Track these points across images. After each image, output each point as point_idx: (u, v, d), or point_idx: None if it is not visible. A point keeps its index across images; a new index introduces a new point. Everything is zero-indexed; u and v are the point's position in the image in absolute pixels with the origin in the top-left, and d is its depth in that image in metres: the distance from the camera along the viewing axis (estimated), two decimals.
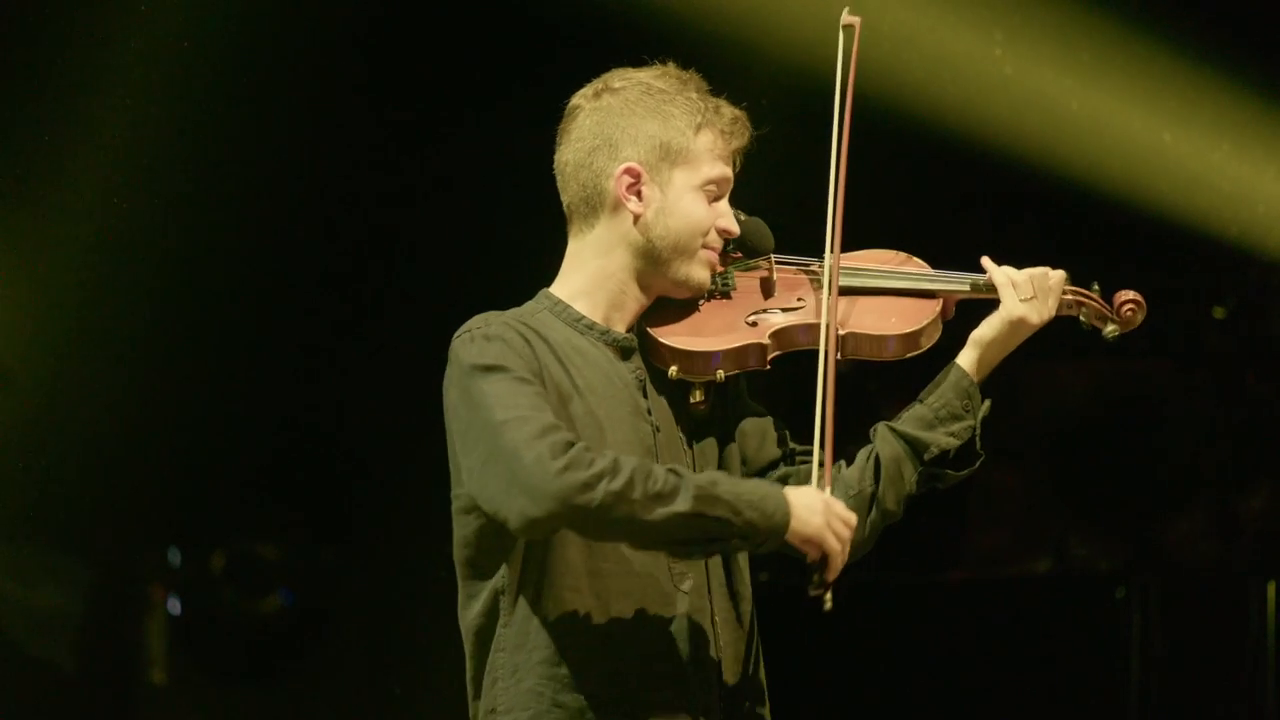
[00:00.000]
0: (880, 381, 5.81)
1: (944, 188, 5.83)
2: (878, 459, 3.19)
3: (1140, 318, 3.31)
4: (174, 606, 5.60)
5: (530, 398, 2.94)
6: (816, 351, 3.12)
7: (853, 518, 2.98)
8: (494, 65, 5.40)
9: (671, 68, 3.15)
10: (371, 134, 5.37)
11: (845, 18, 3.19)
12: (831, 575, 2.96)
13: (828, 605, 2.98)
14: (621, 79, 3.13)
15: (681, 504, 2.87)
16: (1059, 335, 3.35)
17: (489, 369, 2.96)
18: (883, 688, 6.30)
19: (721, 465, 3.17)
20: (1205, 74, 5.69)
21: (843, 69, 3.17)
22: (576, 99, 3.15)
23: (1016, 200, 5.90)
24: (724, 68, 3.26)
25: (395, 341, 5.42)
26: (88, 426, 5.10)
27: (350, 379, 5.49)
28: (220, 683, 5.71)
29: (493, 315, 3.08)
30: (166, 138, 5.03)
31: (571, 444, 2.87)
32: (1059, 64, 5.68)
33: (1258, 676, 6.19)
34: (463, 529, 3.05)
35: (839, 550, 2.95)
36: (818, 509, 2.94)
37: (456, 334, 3.05)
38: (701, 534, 2.90)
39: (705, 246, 3.13)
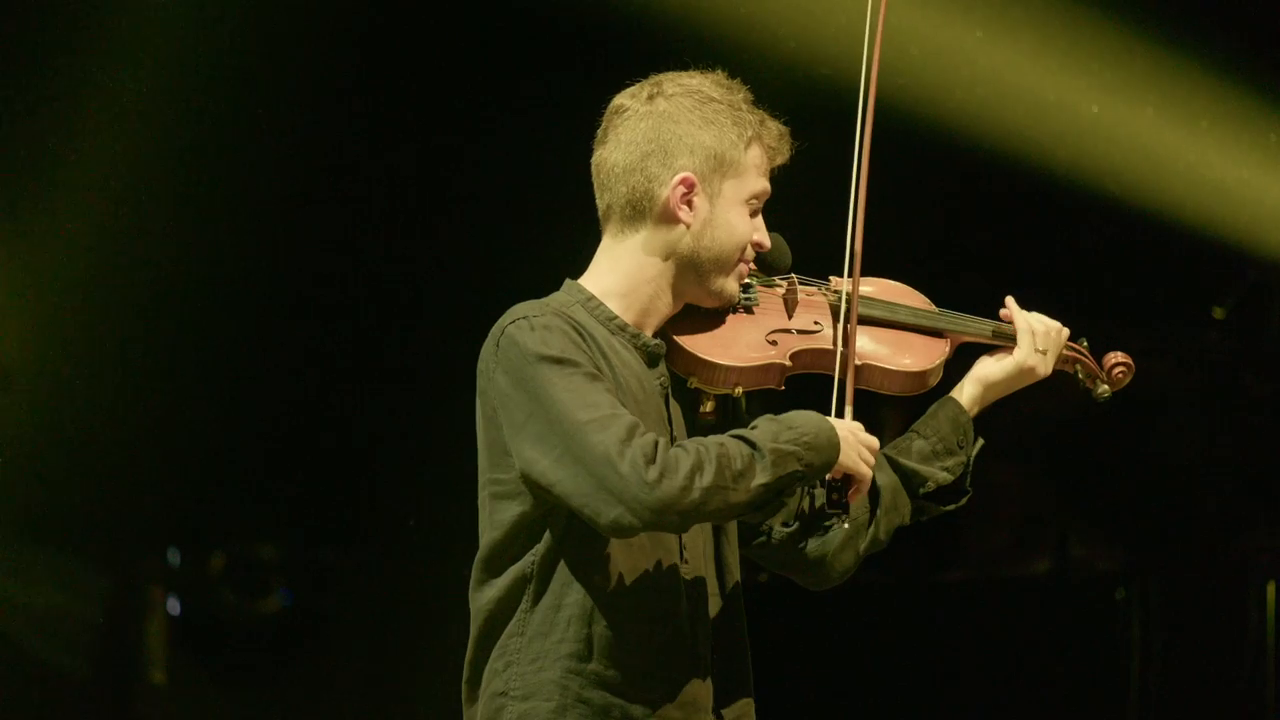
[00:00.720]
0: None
1: (946, 189, 5.83)
2: (876, 488, 3.20)
3: (1129, 380, 3.39)
4: (174, 607, 5.60)
5: (606, 395, 2.94)
6: (822, 375, 3.13)
7: (874, 441, 3.04)
8: (493, 65, 5.40)
9: (721, 75, 3.14)
10: (370, 134, 5.37)
11: None
12: (853, 497, 3.03)
13: (844, 525, 3.07)
14: (674, 84, 3.11)
15: (762, 474, 2.91)
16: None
17: (559, 361, 2.95)
18: (882, 687, 6.30)
19: None
20: (1209, 74, 5.69)
21: (869, 41, 3.17)
22: (624, 99, 3.12)
23: (1017, 200, 5.90)
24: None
25: (396, 342, 5.42)
26: (88, 426, 5.10)
27: (350, 379, 5.49)
28: (220, 683, 5.71)
29: (538, 304, 3.05)
30: (166, 136, 5.02)
31: (657, 443, 2.89)
32: (1063, 65, 5.68)
33: (1258, 676, 6.19)
34: (498, 514, 3.03)
35: (868, 474, 3.02)
36: (851, 440, 3.01)
37: (508, 320, 3.01)
38: (778, 493, 2.96)
39: (741, 260, 3.13)
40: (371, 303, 5.47)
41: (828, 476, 3.02)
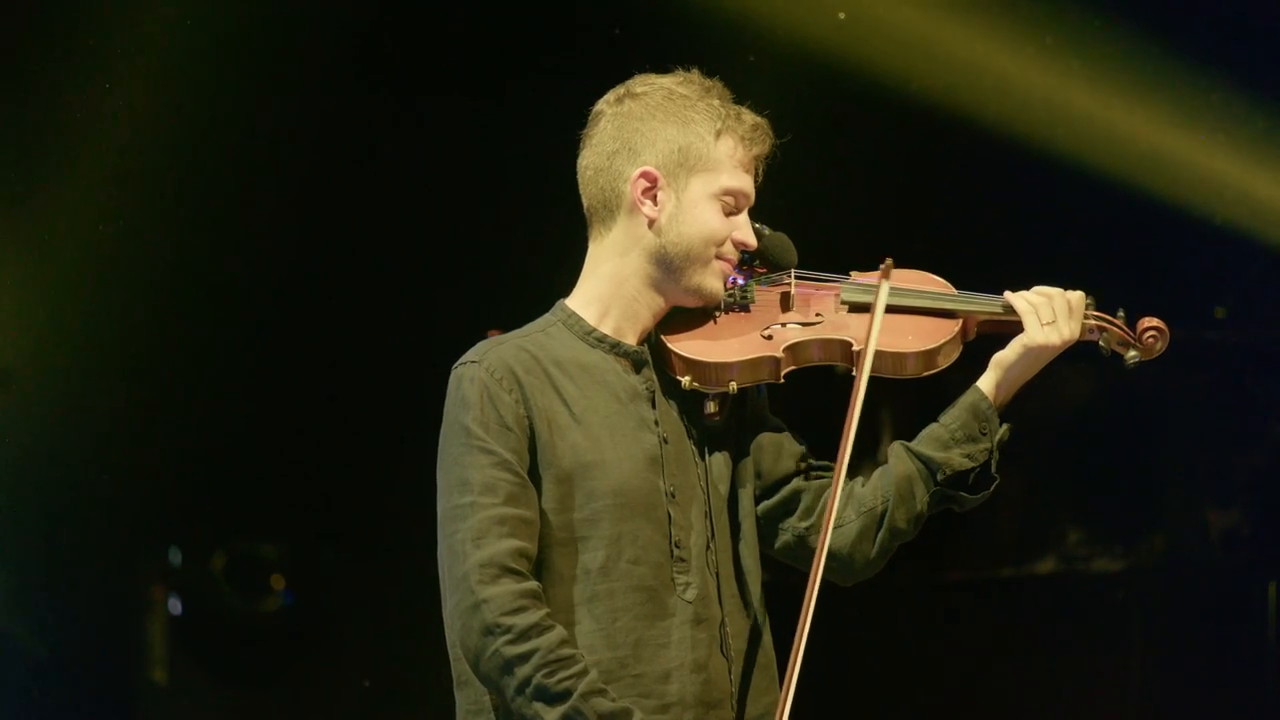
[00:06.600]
0: (881, 386, 5.80)
1: (954, 184, 5.83)
2: (890, 477, 3.18)
3: (1161, 346, 3.28)
4: (174, 606, 5.60)
5: (488, 476, 2.94)
6: (831, 367, 3.12)
7: None
8: (502, 65, 5.40)
9: (695, 74, 3.15)
10: (374, 133, 5.37)
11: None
12: None
13: None
14: (644, 84, 3.13)
15: (550, 715, 2.85)
16: None
17: (463, 430, 2.97)
18: (882, 688, 6.30)
19: (735, 477, 3.16)
20: (1208, 73, 5.70)
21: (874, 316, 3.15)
22: (600, 104, 3.15)
23: (1020, 200, 5.90)
24: (739, 73, 3.25)
25: (397, 342, 5.42)
26: (88, 427, 5.10)
27: (351, 379, 5.49)
28: (220, 683, 5.71)
29: (491, 346, 3.06)
30: (167, 137, 5.03)
31: (509, 570, 2.88)
32: (1063, 64, 5.69)
33: (1258, 676, 6.20)
34: None
35: None
36: None
37: (459, 362, 3.06)
38: None
39: (720, 257, 3.12)
40: (372, 303, 5.47)
41: None
